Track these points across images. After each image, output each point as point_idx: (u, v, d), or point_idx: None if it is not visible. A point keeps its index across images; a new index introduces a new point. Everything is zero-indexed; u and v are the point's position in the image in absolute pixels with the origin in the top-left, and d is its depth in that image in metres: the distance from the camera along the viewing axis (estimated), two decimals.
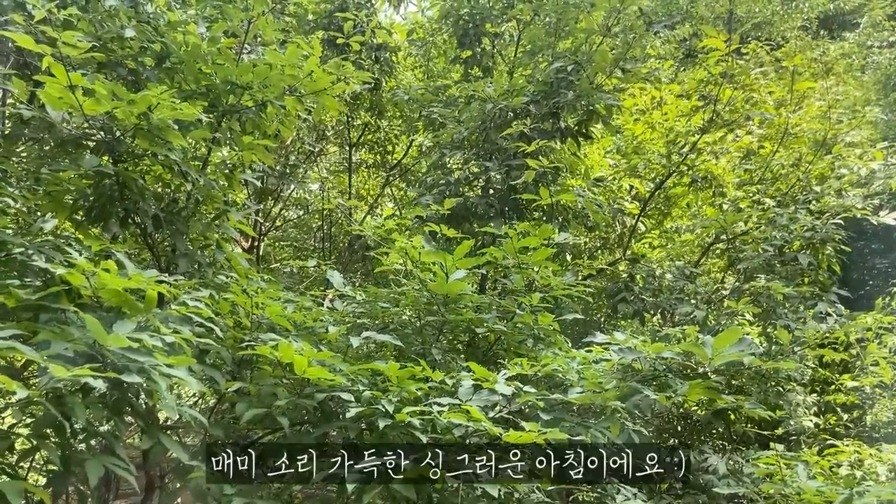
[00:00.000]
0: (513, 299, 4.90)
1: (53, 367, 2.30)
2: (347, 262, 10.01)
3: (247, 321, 4.07)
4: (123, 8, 4.18)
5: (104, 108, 3.37)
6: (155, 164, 4.08)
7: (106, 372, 2.52)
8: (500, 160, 6.81)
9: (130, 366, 2.71)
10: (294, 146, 9.27)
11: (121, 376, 2.56)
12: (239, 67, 4.26)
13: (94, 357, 2.69)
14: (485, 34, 8.18)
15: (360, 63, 7.73)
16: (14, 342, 2.45)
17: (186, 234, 4.39)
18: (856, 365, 8.25)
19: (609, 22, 6.55)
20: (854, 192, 7.50)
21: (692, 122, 8.11)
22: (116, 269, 2.98)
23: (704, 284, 8.09)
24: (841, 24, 19.39)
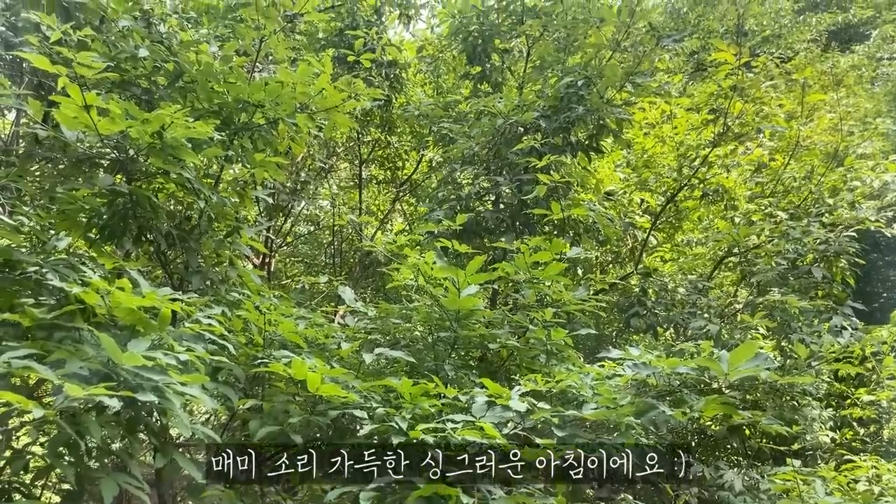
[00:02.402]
0: (525, 314, 4.88)
1: (69, 386, 2.30)
2: (359, 277, 10.01)
3: (259, 338, 4.08)
4: (137, 28, 4.23)
5: (118, 128, 3.40)
6: (168, 181, 4.10)
7: (120, 390, 2.52)
8: (511, 175, 6.81)
9: (144, 384, 2.72)
10: (305, 163, 9.31)
11: (135, 395, 2.56)
12: (251, 86, 4.29)
13: (109, 375, 2.69)
14: (494, 50, 8.21)
15: (370, 80, 7.78)
16: (30, 361, 2.46)
17: (199, 251, 4.41)
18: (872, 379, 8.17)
19: (619, 37, 6.55)
20: (867, 205, 7.45)
21: (703, 136, 8.09)
22: (131, 288, 2.99)
23: (717, 298, 8.04)
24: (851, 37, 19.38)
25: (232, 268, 4.61)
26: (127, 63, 4.19)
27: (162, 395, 2.73)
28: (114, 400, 2.43)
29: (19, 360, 2.46)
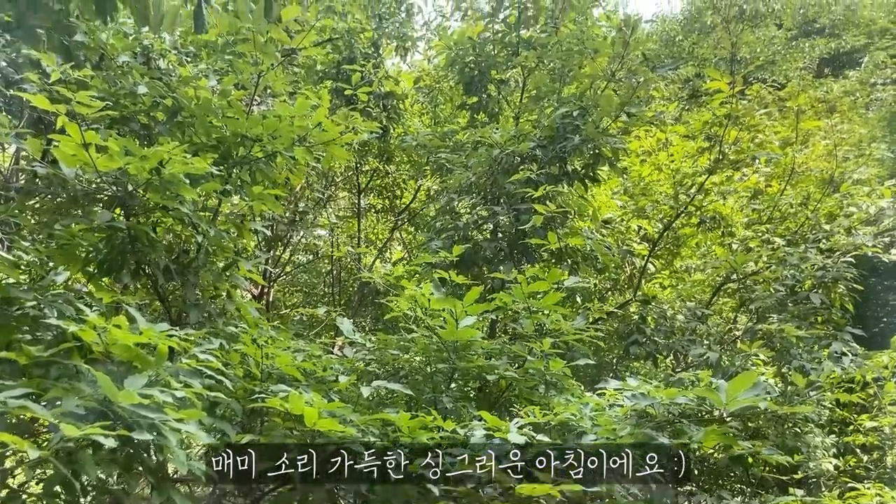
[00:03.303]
0: (523, 345, 4.87)
1: (64, 426, 2.30)
2: (357, 306, 10.00)
3: (257, 371, 4.06)
4: (136, 65, 4.28)
5: (117, 164, 3.43)
6: (166, 216, 4.12)
7: (117, 428, 2.51)
8: (509, 204, 6.84)
9: (141, 422, 2.70)
10: (303, 193, 9.35)
11: (131, 434, 2.55)
12: (249, 120, 4.33)
13: (105, 413, 2.69)
14: (490, 80, 8.30)
15: (368, 111, 7.84)
16: (25, 401, 2.46)
17: (197, 284, 4.42)
18: (874, 404, 8.13)
19: (613, 67, 6.63)
20: (864, 230, 7.47)
21: (699, 163, 8.14)
22: (127, 324, 2.99)
23: (717, 325, 8.03)
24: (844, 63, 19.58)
25: (230, 300, 4.61)
26: (126, 99, 4.23)
27: (158, 432, 2.72)
28: (110, 439, 2.42)
29: (15, 399, 2.46)
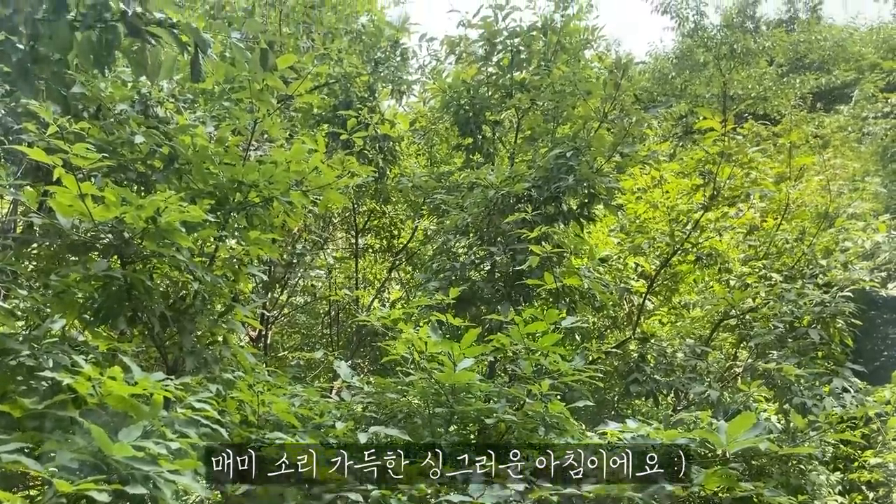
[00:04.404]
0: (522, 386, 4.84)
1: (57, 482, 2.28)
2: (355, 347, 9.96)
3: (254, 418, 4.04)
4: (133, 114, 4.33)
5: (113, 214, 3.45)
6: (162, 263, 4.13)
7: (111, 482, 2.49)
8: (505, 244, 6.86)
9: (136, 474, 2.68)
10: (301, 234, 9.39)
11: (125, 488, 2.53)
12: (245, 167, 4.37)
13: (99, 466, 2.66)
14: (485, 122, 8.38)
15: (364, 153, 7.91)
16: (19, 455, 2.44)
17: (193, 331, 4.41)
18: (878, 440, 8.06)
19: (605, 107, 6.71)
20: (861, 265, 7.49)
21: (693, 200, 8.19)
22: (122, 375, 2.98)
23: (717, 361, 7.99)
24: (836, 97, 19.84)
25: (226, 346, 4.60)
26: (123, 148, 4.27)
27: (153, 484, 2.69)
28: (103, 495, 2.39)
29: (9, 454, 2.44)
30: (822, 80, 19.74)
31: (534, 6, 8.49)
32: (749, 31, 20.57)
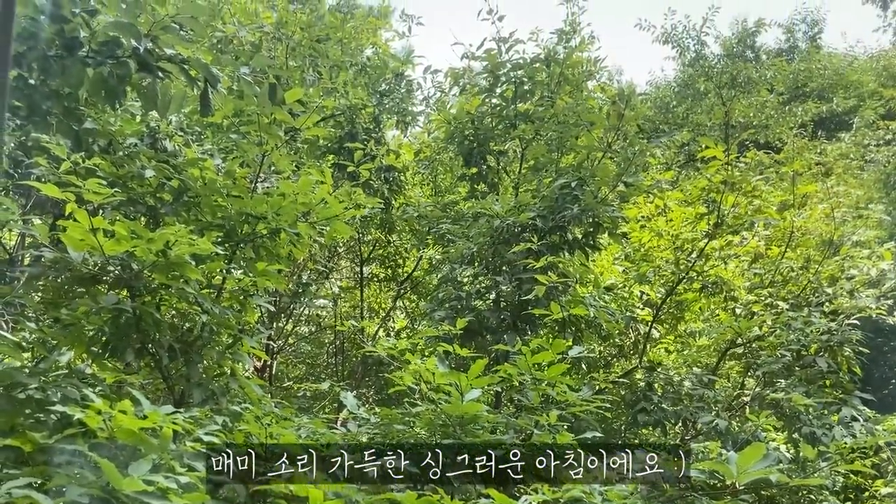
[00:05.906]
0: (529, 417, 4.82)
1: None
2: (361, 377, 9.94)
3: (261, 451, 4.02)
4: (143, 148, 4.39)
5: (124, 248, 3.48)
6: (170, 295, 4.16)
7: None
8: (510, 274, 6.87)
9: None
10: (306, 265, 9.42)
11: None
12: (253, 199, 4.41)
13: (109, 501, 2.66)
14: (489, 152, 8.45)
15: (370, 184, 7.96)
16: (29, 490, 2.44)
17: (200, 362, 4.42)
18: (888, 469, 7.97)
19: (609, 138, 6.77)
20: (867, 293, 7.48)
21: (698, 228, 8.21)
22: (132, 408, 2.99)
23: (724, 390, 7.94)
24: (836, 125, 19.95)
25: (233, 378, 4.60)
26: (133, 181, 4.32)
27: None
28: None
29: (20, 489, 2.44)
30: (822, 108, 19.86)
31: (536, 38, 8.60)
32: (749, 60, 20.75)
